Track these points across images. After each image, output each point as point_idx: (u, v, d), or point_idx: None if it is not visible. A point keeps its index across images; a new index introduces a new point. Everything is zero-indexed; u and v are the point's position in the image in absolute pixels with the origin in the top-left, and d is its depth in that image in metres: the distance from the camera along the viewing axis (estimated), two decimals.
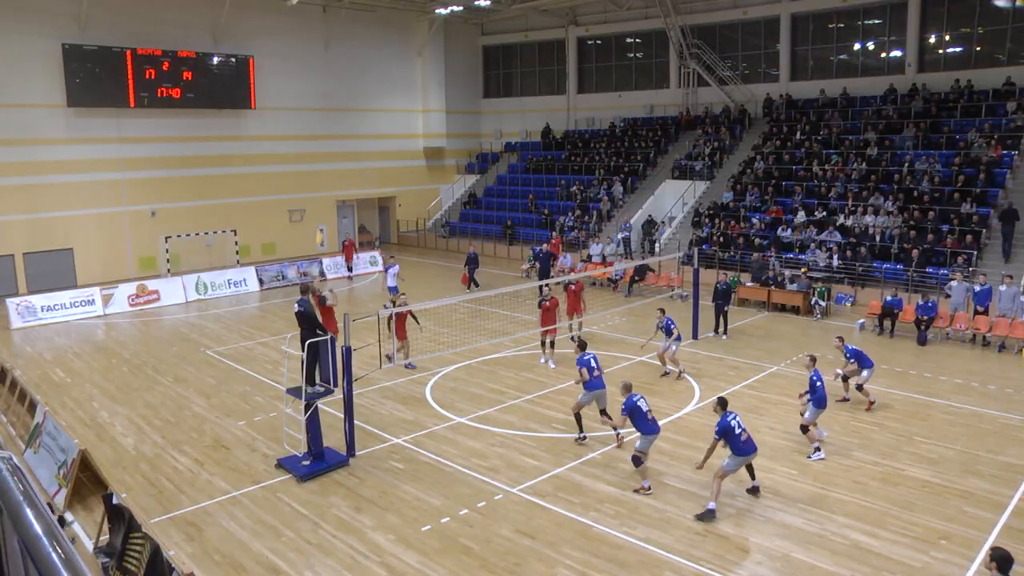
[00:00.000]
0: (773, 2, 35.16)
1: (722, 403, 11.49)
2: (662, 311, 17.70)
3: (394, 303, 20.03)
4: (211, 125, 33.63)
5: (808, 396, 13.32)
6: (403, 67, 41.44)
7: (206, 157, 33.53)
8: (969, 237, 24.25)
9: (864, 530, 10.62)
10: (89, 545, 10.35)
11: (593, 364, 13.49)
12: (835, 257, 25.82)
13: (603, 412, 13.72)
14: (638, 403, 11.81)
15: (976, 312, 20.68)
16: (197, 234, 32.30)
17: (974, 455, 13.18)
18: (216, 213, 33.62)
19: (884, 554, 10.01)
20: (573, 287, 20.17)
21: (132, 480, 12.54)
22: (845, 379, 15.72)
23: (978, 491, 11.78)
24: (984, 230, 24.75)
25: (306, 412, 12.61)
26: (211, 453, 13.63)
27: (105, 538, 10.10)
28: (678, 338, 17.48)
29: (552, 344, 18.89)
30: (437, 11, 38.24)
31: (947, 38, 32.39)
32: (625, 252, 31.08)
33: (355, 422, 13.40)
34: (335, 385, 13.06)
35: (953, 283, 21.46)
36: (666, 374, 17.73)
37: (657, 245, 31.00)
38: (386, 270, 24.39)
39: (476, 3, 36.54)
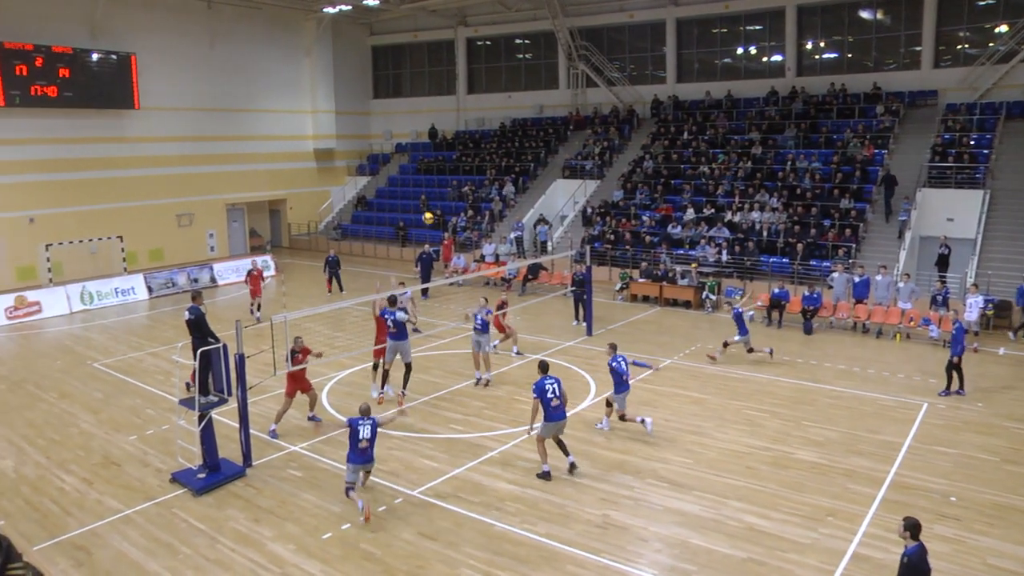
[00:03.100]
0: (658, 7, 36.12)
1: (543, 367, 12.47)
2: (486, 299, 17.87)
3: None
4: (92, 126, 31.95)
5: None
6: (291, 67, 40.58)
7: (88, 160, 31.89)
8: (848, 231, 25.60)
9: (757, 512, 11.04)
10: None
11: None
12: (724, 252, 26.71)
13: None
14: None
15: (856, 301, 21.87)
16: (80, 241, 30.56)
17: (856, 435, 13.92)
18: (100, 219, 32.02)
19: (776, 534, 10.46)
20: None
21: (12, 506, 11.80)
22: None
23: (860, 469, 12.49)
24: (861, 224, 26.06)
25: (200, 423, 12.21)
26: (100, 471, 12.99)
27: None
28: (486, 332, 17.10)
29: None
30: (325, 10, 37.58)
31: (822, 44, 34.19)
32: (519, 251, 31.29)
33: (251, 431, 13.05)
34: (229, 394, 12.64)
35: (835, 275, 22.68)
36: (479, 381, 17.08)
37: (550, 244, 31.33)
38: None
39: (364, 2, 36.03)
